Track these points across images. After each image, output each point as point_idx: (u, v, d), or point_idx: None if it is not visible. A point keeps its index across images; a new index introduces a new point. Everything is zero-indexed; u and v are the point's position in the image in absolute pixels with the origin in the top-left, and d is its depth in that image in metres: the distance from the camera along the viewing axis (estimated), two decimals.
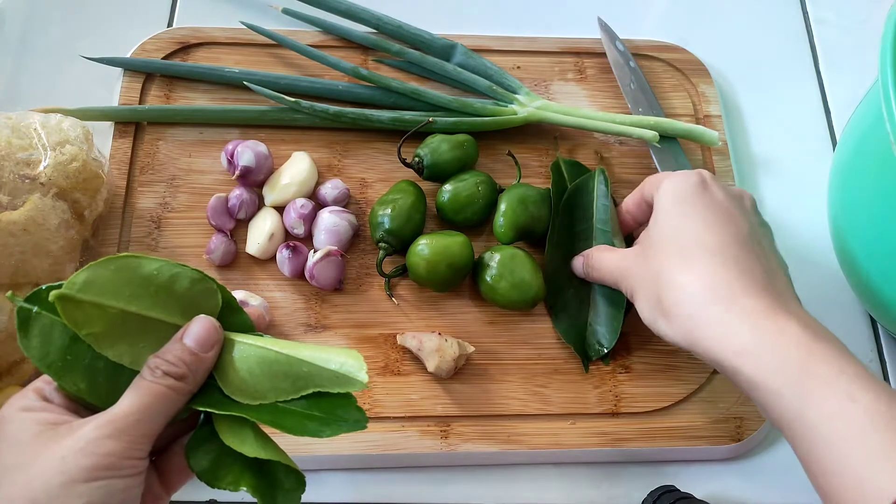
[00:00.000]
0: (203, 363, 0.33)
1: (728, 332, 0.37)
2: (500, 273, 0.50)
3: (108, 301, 0.33)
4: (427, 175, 0.54)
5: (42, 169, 0.47)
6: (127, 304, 0.33)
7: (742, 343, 0.37)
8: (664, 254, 0.42)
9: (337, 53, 0.60)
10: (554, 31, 0.64)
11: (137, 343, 0.34)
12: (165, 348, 0.33)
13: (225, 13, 0.62)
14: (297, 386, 0.35)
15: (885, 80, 0.41)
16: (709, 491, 0.48)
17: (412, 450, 0.48)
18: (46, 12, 0.63)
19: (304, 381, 0.35)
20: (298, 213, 0.52)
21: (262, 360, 0.35)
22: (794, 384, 0.35)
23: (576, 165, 0.56)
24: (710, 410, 0.50)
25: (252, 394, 0.34)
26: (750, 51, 0.67)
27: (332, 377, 0.35)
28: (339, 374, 0.35)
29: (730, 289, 0.38)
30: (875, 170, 0.47)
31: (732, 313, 0.38)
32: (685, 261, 0.40)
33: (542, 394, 0.50)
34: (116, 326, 0.33)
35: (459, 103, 0.57)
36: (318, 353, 0.35)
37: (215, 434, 0.34)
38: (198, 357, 0.33)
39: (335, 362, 0.35)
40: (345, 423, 0.35)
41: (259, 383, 0.35)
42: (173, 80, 0.59)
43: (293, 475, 0.35)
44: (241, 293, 0.49)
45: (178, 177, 0.55)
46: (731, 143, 0.61)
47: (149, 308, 0.34)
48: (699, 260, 0.40)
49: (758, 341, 0.36)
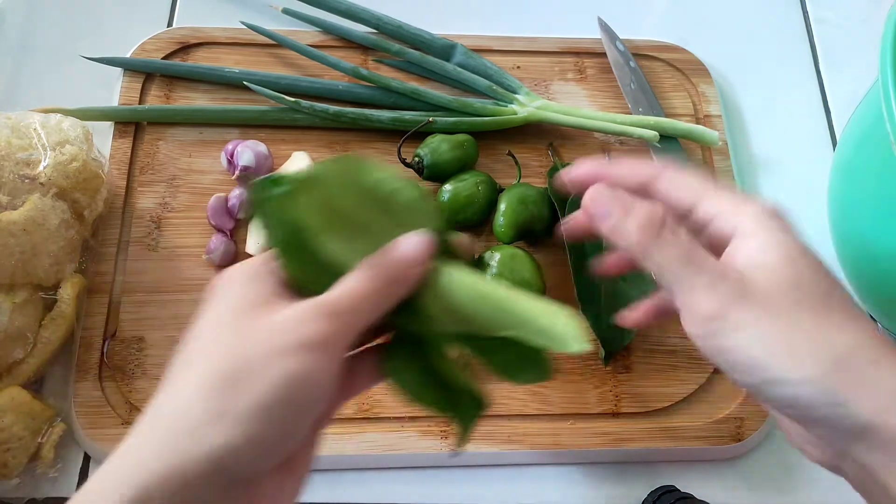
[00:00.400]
0: (411, 275, 0.33)
1: (885, 389, 0.31)
2: (501, 272, 0.50)
3: (334, 198, 0.34)
4: (427, 175, 0.54)
5: (42, 169, 0.47)
6: (350, 203, 0.34)
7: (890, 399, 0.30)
8: (825, 304, 0.32)
9: (337, 53, 0.60)
10: (554, 31, 0.64)
11: (353, 244, 0.34)
12: (381, 252, 0.33)
13: (225, 13, 0.62)
14: (501, 325, 0.34)
15: (885, 80, 0.41)
16: (709, 491, 0.48)
17: (412, 450, 0.48)
18: (46, 12, 0.63)
19: (511, 325, 0.34)
20: None
21: (472, 290, 0.34)
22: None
23: None
24: (710, 410, 0.50)
25: (458, 321, 0.34)
26: (750, 51, 0.67)
27: (541, 331, 0.33)
28: (554, 332, 0.33)
29: (885, 344, 0.32)
30: (875, 170, 0.47)
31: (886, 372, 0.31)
32: (855, 320, 0.32)
33: (542, 394, 0.50)
34: (336, 224, 0.34)
35: (459, 103, 0.57)
36: (535, 305, 0.34)
37: (418, 353, 0.34)
38: (408, 269, 0.33)
39: (552, 320, 0.34)
40: (534, 374, 0.35)
41: (466, 312, 0.34)
42: (173, 80, 0.59)
43: (476, 401, 0.36)
44: None
45: (178, 177, 0.55)
46: (731, 143, 0.61)
47: (368, 213, 0.35)
48: (852, 317, 0.32)
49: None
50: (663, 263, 0.33)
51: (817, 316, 0.31)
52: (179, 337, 0.31)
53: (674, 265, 0.33)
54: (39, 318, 0.46)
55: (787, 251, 0.33)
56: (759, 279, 0.32)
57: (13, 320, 0.44)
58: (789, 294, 0.32)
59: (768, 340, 0.31)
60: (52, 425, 0.46)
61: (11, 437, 0.43)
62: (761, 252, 0.33)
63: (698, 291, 0.32)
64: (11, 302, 0.44)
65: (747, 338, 0.31)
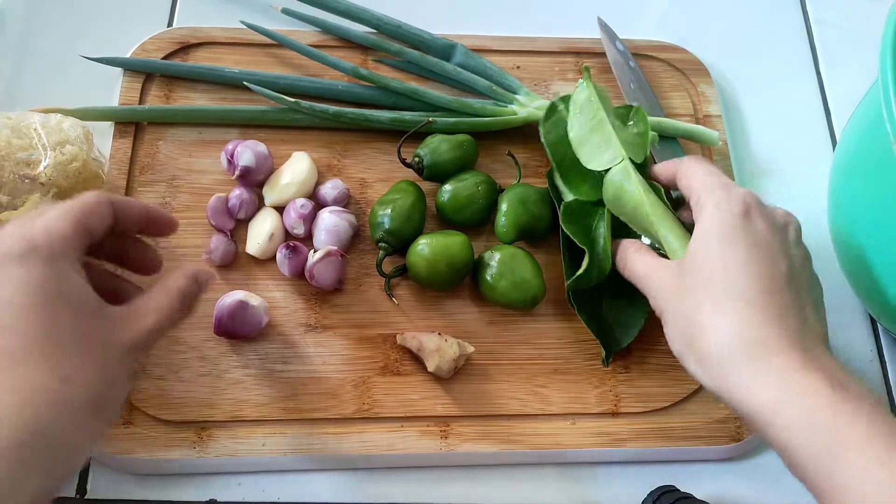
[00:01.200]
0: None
1: (759, 390, 0.37)
2: (501, 272, 0.50)
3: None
4: (427, 175, 0.54)
5: (42, 169, 0.47)
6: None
7: (772, 403, 0.36)
8: (701, 293, 0.40)
9: (337, 53, 0.60)
10: (554, 31, 0.64)
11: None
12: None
13: (225, 13, 0.62)
14: (641, 229, 0.49)
15: (885, 80, 0.41)
16: (709, 491, 0.48)
17: (411, 450, 0.48)
18: (46, 12, 0.63)
19: (644, 231, 0.48)
20: (298, 214, 0.52)
21: (635, 200, 0.48)
22: (822, 447, 0.34)
23: None
24: (710, 410, 0.50)
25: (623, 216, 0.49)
26: (750, 51, 0.67)
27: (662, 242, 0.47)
28: (667, 245, 0.46)
29: (765, 345, 0.37)
30: (875, 170, 0.47)
31: (764, 371, 0.37)
32: (721, 307, 0.39)
33: (542, 394, 0.50)
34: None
35: (459, 103, 0.57)
36: (665, 224, 0.46)
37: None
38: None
39: (668, 238, 0.46)
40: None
41: (626, 212, 0.49)
42: (173, 80, 0.59)
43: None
44: (241, 293, 0.49)
45: (178, 177, 0.55)
46: (731, 143, 0.61)
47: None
48: (736, 309, 0.39)
49: (787, 402, 0.36)
50: (630, 280, 0.47)
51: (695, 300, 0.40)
52: (180, 336, 0.31)
53: (634, 281, 0.46)
54: None
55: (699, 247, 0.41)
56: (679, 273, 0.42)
57: None
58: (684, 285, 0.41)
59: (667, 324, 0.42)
60: None
61: None
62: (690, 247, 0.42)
63: (651, 299, 0.44)
64: None
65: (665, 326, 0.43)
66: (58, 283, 0.34)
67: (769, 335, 0.38)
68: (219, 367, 0.49)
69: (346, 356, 0.50)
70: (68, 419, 0.31)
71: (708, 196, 0.42)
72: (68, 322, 0.33)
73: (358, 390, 0.49)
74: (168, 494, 0.46)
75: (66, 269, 0.34)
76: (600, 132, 0.50)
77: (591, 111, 0.50)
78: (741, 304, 0.38)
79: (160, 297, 0.38)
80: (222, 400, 0.48)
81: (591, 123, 0.50)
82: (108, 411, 0.35)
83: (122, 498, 0.46)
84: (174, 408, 0.47)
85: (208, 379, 0.48)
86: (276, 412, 0.48)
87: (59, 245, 0.34)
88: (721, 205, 0.42)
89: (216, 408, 0.48)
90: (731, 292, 0.39)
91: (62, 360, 0.32)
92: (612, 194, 0.49)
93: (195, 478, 0.47)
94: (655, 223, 0.46)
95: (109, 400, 0.35)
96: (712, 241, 0.41)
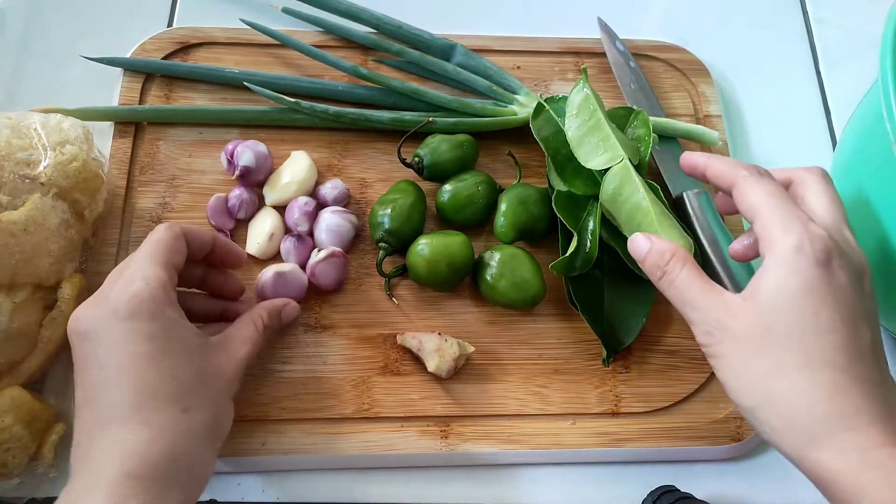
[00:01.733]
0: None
1: (842, 462, 0.35)
2: (501, 272, 0.50)
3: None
4: (427, 175, 0.54)
5: (42, 169, 0.47)
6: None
7: (855, 476, 0.35)
8: (780, 351, 0.37)
9: (337, 53, 0.60)
10: (554, 31, 0.64)
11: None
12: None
13: (225, 13, 0.62)
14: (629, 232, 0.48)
15: (885, 80, 0.41)
16: (709, 491, 0.48)
17: (411, 450, 0.48)
18: (46, 12, 0.63)
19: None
20: (303, 211, 0.52)
21: (631, 203, 0.48)
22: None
23: None
24: (710, 410, 0.50)
25: (617, 218, 0.50)
26: (750, 51, 0.67)
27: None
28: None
29: (857, 416, 0.35)
30: (875, 170, 0.47)
31: (850, 442, 0.35)
32: (807, 372, 0.36)
33: (542, 394, 0.50)
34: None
35: (459, 103, 0.57)
36: (659, 228, 0.47)
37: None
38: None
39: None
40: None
41: (620, 215, 0.49)
42: (173, 80, 0.59)
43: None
44: (271, 269, 0.50)
45: (178, 177, 0.55)
46: (731, 143, 0.61)
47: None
48: (824, 377, 0.36)
49: (872, 477, 0.34)
50: (669, 298, 0.41)
51: (770, 359, 0.37)
52: None
53: (673, 302, 0.41)
54: (39, 318, 0.46)
55: (776, 297, 0.37)
56: (746, 317, 0.38)
57: (13, 320, 0.44)
58: (756, 337, 0.37)
59: (729, 370, 0.38)
60: (52, 425, 0.46)
61: (11, 437, 0.43)
62: (762, 292, 0.38)
63: (693, 324, 0.40)
64: (11, 302, 0.44)
65: (718, 364, 0.39)
66: (168, 332, 0.39)
67: (858, 406, 0.36)
68: None
69: (345, 356, 0.50)
70: (194, 443, 0.38)
71: (784, 233, 0.38)
72: (183, 365, 0.39)
73: (358, 390, 0.49)
74: None
75: (171, 314, 0.40)
76: (598, 132, 0.50)
77: (589, 112, 0.51)
78: (829, 371, 0.36)
79: (249, 330, 0.44)
80: None
81: (588, 124, 0.51)
82: (222, 432, 0.41)
83: None
84: None
85: None
86: (276, 412, 0.48)
87: (159, 293, 0.39)
88: (804, 248, 0.37)
89: None
90: (815, 357, 0.36)
91: (182, 396, 0.38)
92: (611, 193, 0.49)
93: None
94: (655, 223, 0.46)
95: (222, 422, 0.41)
96: (795, 294, 0.37)
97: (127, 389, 0.37)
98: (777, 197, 0.39)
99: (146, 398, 0.37)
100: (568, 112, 0.52)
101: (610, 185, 0.49)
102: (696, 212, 0.53)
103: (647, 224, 0.47)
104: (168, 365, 0.38)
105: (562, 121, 0.53)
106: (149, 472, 0.36)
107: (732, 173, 0.41)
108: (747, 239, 0.43)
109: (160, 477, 0.36)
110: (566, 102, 0.53)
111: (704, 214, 0.52)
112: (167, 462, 0.36)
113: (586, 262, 0.49)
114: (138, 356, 0.38)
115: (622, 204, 0.48)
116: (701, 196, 0.53)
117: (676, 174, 0.56)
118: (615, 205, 0.49)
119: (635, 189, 0.48)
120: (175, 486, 0.36)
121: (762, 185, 0.40)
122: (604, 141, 0.50)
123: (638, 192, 0.47)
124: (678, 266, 0.40)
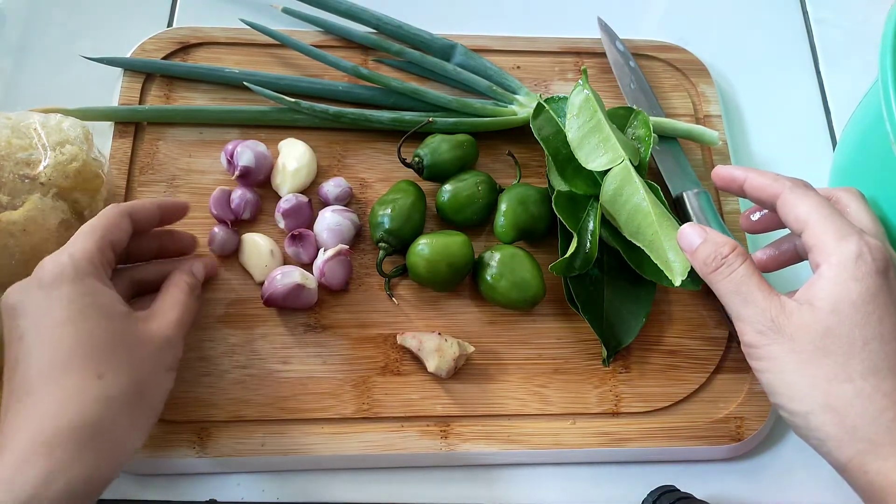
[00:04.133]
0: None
1: (861, 437, 0.35)
2: (501, 272, 0.50)
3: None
4: (427, 175, 0.54)
5: (42, 169, 0.47)
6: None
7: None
8: (843, 358, 0.37)
9: (337, 53, 0.60)
10: (554, 31, 0.64)
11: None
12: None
13: (225, 13, 0.62)
14: (636, 238, 0.48)
15: (885, 80, 0.42)
16: (709, 491, 0.48)
17: (412, 450, 0.48)
18: (46, 12, 0.63)
19: (640, 241, 0.48)
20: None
21: (632, 206, 0.48)
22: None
23: None
24: (710, 410, 0.50)
25: (618, 222, 0.50)
26: (750, 51, 0.67)
27: (657, 254, 0.46)
28: (663, 260, 0.46)
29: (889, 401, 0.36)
30: (875, 170, 0.47)
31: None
32: (876, 378, 0.36)
33: (542, 394, 0.50)
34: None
35: (459, 103, 0.57)
36: (663, 236, 0.46)
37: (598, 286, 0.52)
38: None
39: (665, 252, 0.46)
40: (656, 277, 0.48)
41: (621, 218, 0.49)
42: (173, 80, 0.59)
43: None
44: (298, 274, 0.49)
45: (178, 177, 0.55)
46: (731, 143, 0.61)
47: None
48: (892, 385, 0.36)
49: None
50: (719, 292, 0.40)
51: (832, 364, 0.36)
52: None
53: (725, 297, 0.40)
54: None
55: (838, 302, 0.37)
56: (804, 320, 0.37)
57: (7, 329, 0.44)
58: (815, 341, 0.37)
59: (780, 373, 0.38)
60: None
61: None
62: (820, 297, 0.38)
63: (743, 322, 0.39)
64: None
65: (768, 366, 0.38)
66: (87, 297, 0.39)
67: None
68: (219, 367, 0.49)
69: (346, 356, 0.50)
70: (108, 410, 0.37)
71: (840, 242, 0.38)
72: (100, 328, 0.38)
73: (358, 390, 0.49)
74: (168, 494, 0.47)
75: (93, 283, 0.39)
76: (599, 133, 0.50)
77: (589, 113, 0.51)
78: (894, 379, 0.36)
79: (173, 294, 0.44)
80: (222, 400, 0.48)
81: (589, 125, 0.51)
82: (148, 403, 0.40)
83: (123, 498, 0.46)
84: (174, 408, 0.47)
85: (208, 379, 0.48)
86: (276, 412, 0.48)
87: (83, 264, 0.40)
88: (864, 257, 0.37)
89: (216, 408, 0.48)
90: (881, 364, 0.36)
91: (97, 360, 0.38)
92: (611, 194, 0.49)
93: (195, 478, 0.47)
94: (655, 225, 0.46)
95: (146, 392, 0.40)
96: (858, 302, 0.37)
97: (43, 358, 0.37)
98: (826, 207, 0.40)
99: (59, 365, 0.37)
100: (568, 113, 0.52)
101: (610, 186, 0.49)
102: (696, 212, 0.53)
103: (647, 225, 0.47)
104: (85, 328, 0.38)
105: (562, 121, 0.53)
106: (55, 438, 0.35)
107: (776, 185, 0.42)
108: (773, 250, 0.43)
109: (66, 444, 0.35)
110: (566, 103, 0.53)
111: (704, 214, 0.52)
112: (76, 429, 0.36)
113: (586, 263, 0.49)
114: (56, 322, 0.38)
115: (622, 205, 0.48)
116: (701, 196, 0.53)
117: (676, 174, 0.57)
118: (615, 206, 0.49)
119: (636, 190, 0.48)
120: (84, 452, 0.36)
121: (810, 196, 0.40)
122: (604, 142, 0.50)
123: (638, 194, 0.47)
124: (739, 260, 0.40)
